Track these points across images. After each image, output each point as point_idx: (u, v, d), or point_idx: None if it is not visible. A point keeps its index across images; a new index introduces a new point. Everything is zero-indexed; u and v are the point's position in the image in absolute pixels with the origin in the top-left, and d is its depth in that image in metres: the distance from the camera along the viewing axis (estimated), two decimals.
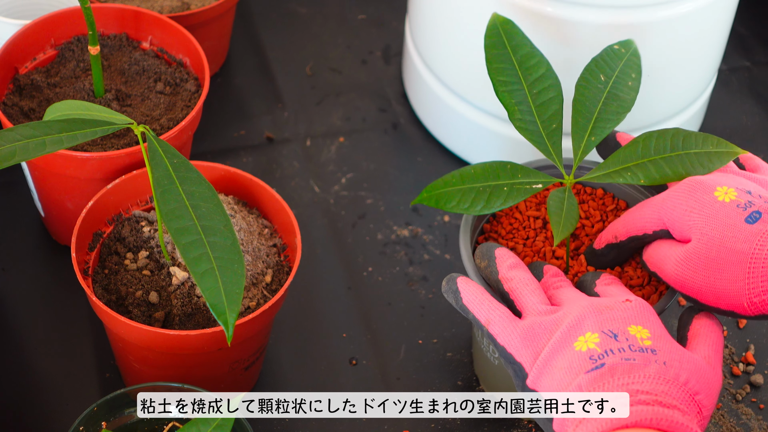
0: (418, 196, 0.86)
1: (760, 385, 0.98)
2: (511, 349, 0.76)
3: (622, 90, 0.88)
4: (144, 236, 0.91)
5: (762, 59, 1.25)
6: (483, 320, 0.78)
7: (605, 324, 0.74)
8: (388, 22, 1.26)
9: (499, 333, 0.77)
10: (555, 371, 0.73)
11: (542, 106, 0.86)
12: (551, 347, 0.74)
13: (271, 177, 1.11)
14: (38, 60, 1.01)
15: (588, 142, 0.86)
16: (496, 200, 0.84)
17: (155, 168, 0.80)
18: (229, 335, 0.74)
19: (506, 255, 0.82)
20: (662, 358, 0.72)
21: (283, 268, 0.92)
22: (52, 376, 0.95)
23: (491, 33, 0.89)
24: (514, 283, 0.80)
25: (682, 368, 0.72)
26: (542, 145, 0.85)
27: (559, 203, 0.83)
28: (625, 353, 0.72)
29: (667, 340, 0.74)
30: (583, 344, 0.73)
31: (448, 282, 0.81)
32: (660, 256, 0.81)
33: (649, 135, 0.85)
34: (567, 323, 0.74)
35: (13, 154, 0.78)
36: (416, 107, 1.16)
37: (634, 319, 0.74)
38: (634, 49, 0.91)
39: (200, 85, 1.01)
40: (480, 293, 0.80)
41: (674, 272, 0.79)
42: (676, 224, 0.80)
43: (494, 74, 0.88)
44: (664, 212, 0.81)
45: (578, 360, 0.72)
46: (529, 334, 0.75)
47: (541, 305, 0.78)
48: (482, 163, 0.86)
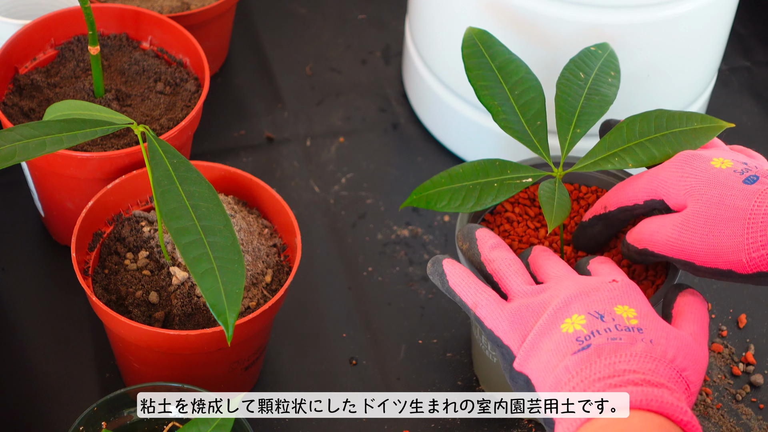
0: (408, 198, 0.87)
1: (760, 385, 0.98)
2: (499, 332, 0.76)
3: (602, 86, 0.89)
4: (144, 236, 0.91)
5: (762, 59, 1.25)
6: (470, 303, 0.78)
7: (592, 305, 0.74)
8: (388, 22, 1.26)
9: (486, 316, 0.77)
10: (542, 353, 0.73)
11: (525, 105, 0.87)
12: (538, 329, 0.74)
13: (271, 177, 1.11)
14: (38, 60, 1.01)
15: (574, 134, 0.86)
16: (486, 197, 0.85)
17: (155, 168, 0.80)
18: (229, 335, 0.74)
19: (487, 236, 0.82)
20: (648, 336, 0.72)
21: (283, 268, 0.92)
22: (52, 376, 0.95)
23: (468, 44, 0.90)
24: (497, 264, 0.80)
25: (669, 345, 0.72)
26: (529, 142, 0.86)
27: (550, 193, 0.83)
28: (611, 333, 0.72)
29: (654, 318, 0.74)
30: (569, 326, 0.73)
31: (433, 264, 0.81)
32: (652, 229, 0.81)
33: (632, 119, 0.86)
34: (554, 306, 0.74)
35: (13, 154, 0.78)
36: (416, 107, 1.16)
37: (621, 299, 0.74)
38: (611, 51, 0.92)
39: (200, 85, 1.01)
40: (466, 276, 0.79)
41: (671, 238, 0.79)
42: (671, 191, 0.80)
43: (474, 80, 0.88)
44: (657, 182, 0.81)
45: (565, 341, 0.72)
46: (517, 316, 0.76)
47: (526, 286, 0.78)
48: (470, 162, 0.87)
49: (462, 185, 0.86)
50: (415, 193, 0.87)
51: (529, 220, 0.91)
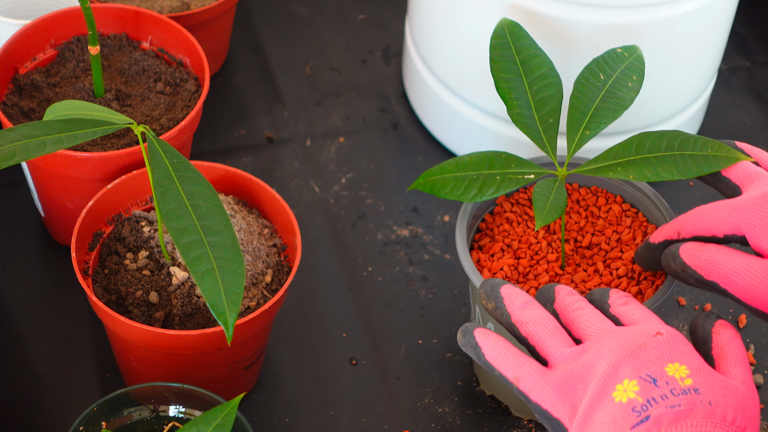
0: (415, 181, 0.88)
1: (760, 385, 0.98)
2: (546, 406, 0.71)
3: (621, 90, 0.88)
4: (144, 236, 0.91)
5: (762, 59, 1.25)
6: (512, 378, 0.73)
7: (642, 368, 0.70)
8: (388, 22, 1.26)
9: (531, 390, 0.72)
10: (597, 426, 0.69)
11: (541, 102, 0.87)
12: (589, 400, 0.70)
13: (271, 177, 1.11)
14: (38, 60, 1.01)
15: (582, 135, 0.86)
16: (488, 188, 0.85)
17: (155, 168, 0.80)
18: (229, 335, 0.74)
19: (515, 294, 0.77)
20: (707, 397, 0.68)
21: (283, 268, 0.92)
22: (52, 376, 0.95)
23: (497, 35, 0.90)
24: (531, 326, 0.75)
25: (728, 405, 0.68)
26: (537, 138, 0.86)
27: (546, 191, 0.83)
28: (668, 400, 0.68)
29: (707, 374, 0.70)
30: (622, 394, 0.69)
31: (465, 335, 0.76)
32: (734, 267, 0.75)
33: (646, 134, 0.85)
34: (602, 371, 0.70)
35: (13, 154, 0.78)
36: (416, 107, 1.16)
37: (670, 356, 0.70)
38: (639, 55, 0.90)
39: (200, 85, 1.01)
40: (503, 347, 0.75)
41: (758, 288, 0.74)
42: (758, 231, 0.75)
43: (496, 72, 0.89)
44: (743, 217, 0.76)
45: (621, 413, 0.68)
46: (563, 386, 0.71)
47: (567, 348, 0.73)
48: (478, 152, 0.87)
49: (466, 174, 0.86)
50: (423, 177, 0.87)
51: (528, 220, 0.91)
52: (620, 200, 0.93)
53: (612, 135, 1.04)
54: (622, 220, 0.91)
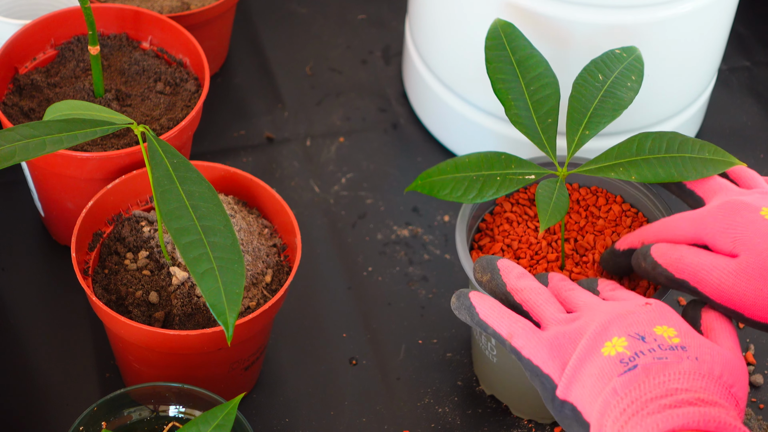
0: (413, 182, 0.87)
1: (760, 385, 0.98)
2: (538, 361, 0.74)
3: (620, 89, 0.88)
4: (144, 236, 0.91)
5: (762, 59, 1.25)
6: (505, 334, 0.76)
7: (631, 327, 0.72)
8: (388, 22, 1.26)
9: (523, 346, 0.74)
10: (585, 378, 0.71)
11: (539, 102, 0.87)
12: (579, 355, 0.72)
13: (271, 177, 1.11)
14: (38, 60, 1.01)
15: (582, 135, 0.86)
16: (488, 189, 0.85)
17: (155, 168, 0.80)
18: (229, 335, 0.74)
19: (511, 266, 0.80)
20: (693, 353, 0.70)
21: (283, 268, 0.92)
22: (52, 376, 0.95)
23: (492, 35, 0.90)
24: (526, 293, 0.78)
25: (715, 362, 0.70)
26: (537, 139, 0.86)
27: (549, 192, 0.83)
28: (656, 353, 0.70)
29: (695, 336, 0.72)
30: (611, 349, 0.71)
31: (459, 298, 0.79)
32: (701, 265, 0.77)
33: (646, 135, 0.85)
34: (592, 330, 0.73)
35: (13, 154, 0.78)
36: (416, 107, 1.16)
37: (658, 320, 0.73)
38: (637, 56, 0.91)
39: (200, 85, 1.01)
40: (497, 306, 0.77)
41: (724, 284, 0.76)
42: (718, 239, 0.77)
43: (492, 72, 0.88)
44: (703, 227, 0.79)
45: (609, 364, 0.70)
46: (555, 344, 0.73)
47: (560, 314, 0.76)
48: (477, 153, 0.87)
49: (466, 175, 0.86)
50: (421, 178, 0.87)
51: (528, 220, 0.91)
52: (620, 200, 0.93)
53: (612, 135, 1.04)
54: (622, 220, 0.91)
